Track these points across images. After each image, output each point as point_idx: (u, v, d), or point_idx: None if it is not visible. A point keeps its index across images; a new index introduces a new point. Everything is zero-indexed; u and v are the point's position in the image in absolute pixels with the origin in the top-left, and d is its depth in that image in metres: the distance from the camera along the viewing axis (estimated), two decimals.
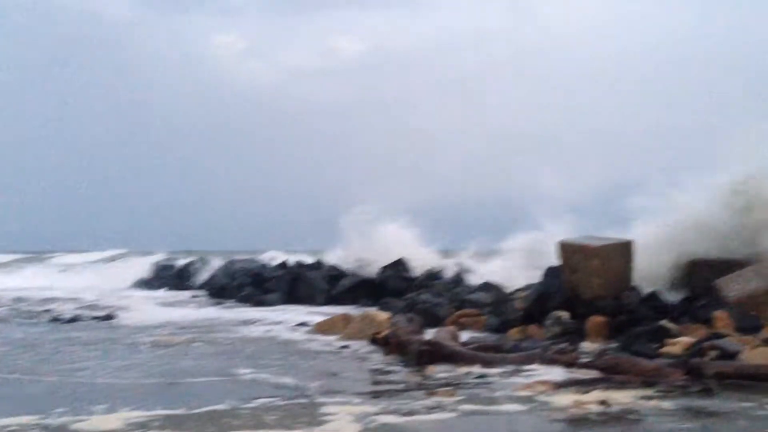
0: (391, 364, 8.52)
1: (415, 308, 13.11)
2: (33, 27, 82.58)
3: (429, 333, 10.31)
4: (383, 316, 11.32)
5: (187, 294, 21.79)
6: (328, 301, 17.66)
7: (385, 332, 9.62)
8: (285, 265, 22.20)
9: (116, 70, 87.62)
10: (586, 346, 9.66)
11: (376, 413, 5.70)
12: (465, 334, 10.95)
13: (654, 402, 6.10)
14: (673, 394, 6.48)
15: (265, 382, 7.26)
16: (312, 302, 17.53)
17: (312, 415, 5.67)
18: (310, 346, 10.11)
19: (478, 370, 7.87)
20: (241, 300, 18.94)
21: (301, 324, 12.53)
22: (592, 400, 6.08)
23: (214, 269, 25.27)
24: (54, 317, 13.91)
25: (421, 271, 19.80)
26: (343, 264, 20.23)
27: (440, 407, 5.95)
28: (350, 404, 6.07)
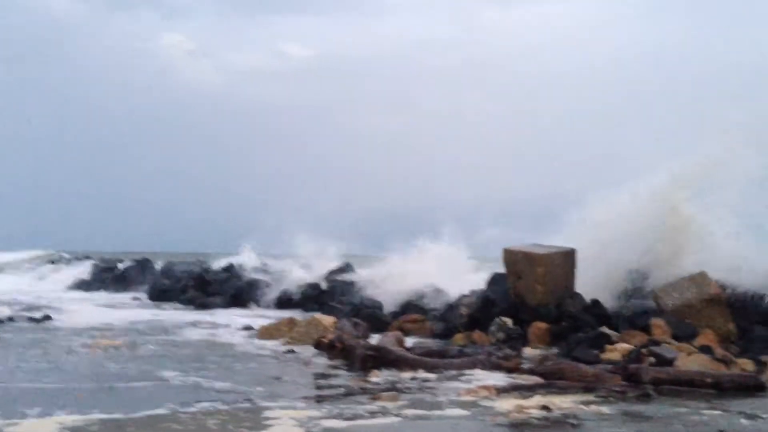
0: (335, 368, 8.48)
1: (360, 313, 13.10)
2: None
3: (374, 338, 10.32)
4: (329, 320, 11.27)
5: (127, 296, 21.28)
6: (274, 305, 17.55)
7: (331, 337, 9.57)
8: (230, 269, 21.91)
9: (60, 65, 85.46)
10: (529, 351, 9.80)
11: (320, 418, 5.66)
12: (410, 340, 10.99)
13: (594, 407, 6.21)
14: (612, 399, 6.63)
15: (206, 386, 7.12)
16: (257, 306, 17.39)
17: (255, 419, 5.60)
18: (254, 350, 9.99)
19: (422, 375, 7.91)
20: (184, 303, 18.64)
21: (246, 328, 12.38)
22: (534, 405, 6.16)
23: (156, 271, 24.81)
24: None
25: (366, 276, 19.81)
26: (290, 267, 20.08)
27: (384, 412, 5.94)
28: (294, 409, 6.01)
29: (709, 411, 6.16)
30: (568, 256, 12.14)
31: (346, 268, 20.73)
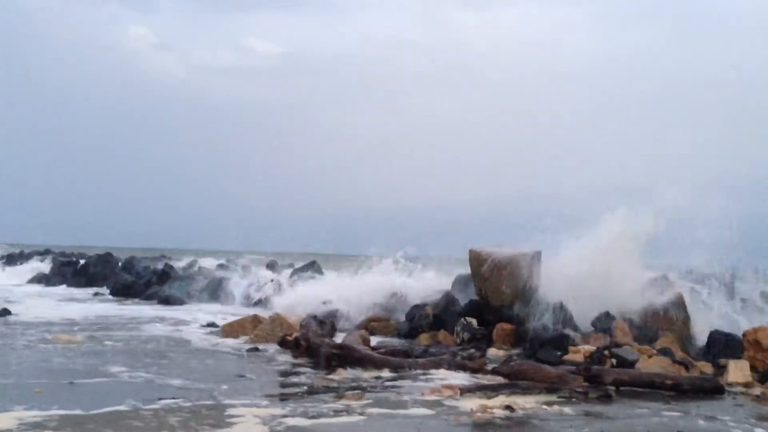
0: (300, 366, 8.44)
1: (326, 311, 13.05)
2: None
3: (339, 336, 10.29)
4: (294, 318, 11.21)
5: (89, 291, 20.94)
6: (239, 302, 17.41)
7: (295, 335, 9.53)
8: (193, 265, 21.72)
9: (21, 55, 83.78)
10: (493, 352, 9.87)
11: (284, 416, 5.63)
12: (375, 339, 10.99)
13: (556, 407, 6.28)
14: (574, 399, 6.70)
15: (168, 383, 7.03)
16: (221, 303, 17.24)
17: (218, 417, 5.54)
18: (218, 348, 9.89)
19: (387, 374, 7.91)
20: (147, 298, 18.40)
21: (209, 324, 12.27)
22: (498, 405, 6.20)
23: (118, 266, 24.46)
24: None
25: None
26: (255, 264, 19.99)
27: (348, 410, 5.92)
28: (257, 406, 5.97)
29: (668, 412, 6.27)
30: (533, 258, 12.24)
31: (311, 267, 20.70)
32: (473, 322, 11.11)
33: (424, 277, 15.10)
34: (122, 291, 19.71)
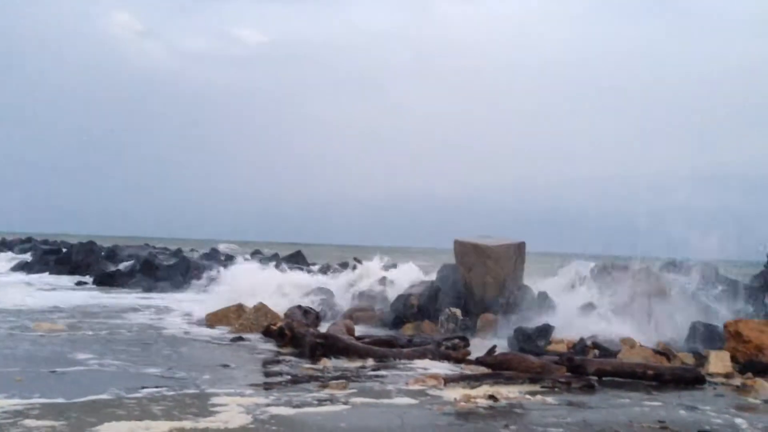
0: (284, 356, 8.43)
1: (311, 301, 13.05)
2: None
3: (324, 326, 10.29)
4: (278, 307, 11.20)
5: (72, 279, 20.79)
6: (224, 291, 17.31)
7: (280, 324, 9.51)
8: (178, 253, 21.63)
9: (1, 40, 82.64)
10: (477, 342, 9.90)
11: (267, 405, 5.62)
12: (360, 328, 10.99)
13: (539, 397, 6.32)
14: (557, 389, 6.75)
15: (151, 372, 7.00)
16: (206, 292, 17.14)
17: (201, 406, 5.52)
18: (202, 337, 9.86)
19: (371, 364, 7.93)
20: (131, 287, 18.31)
21: (193, 314, 12.22)
22: (481, 394, 6.23)
23: (102, 254, 24.30)
24: None
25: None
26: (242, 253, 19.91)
27: (332, 400, 5.93)
28: (241, 395, 5.95)
29: (650, 402, 6.33)
30: (517, 249, 12.29)
31: (297, 257, 20.72)
32: (458, 312, 11.16)
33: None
34: (106, 279, 19.59)
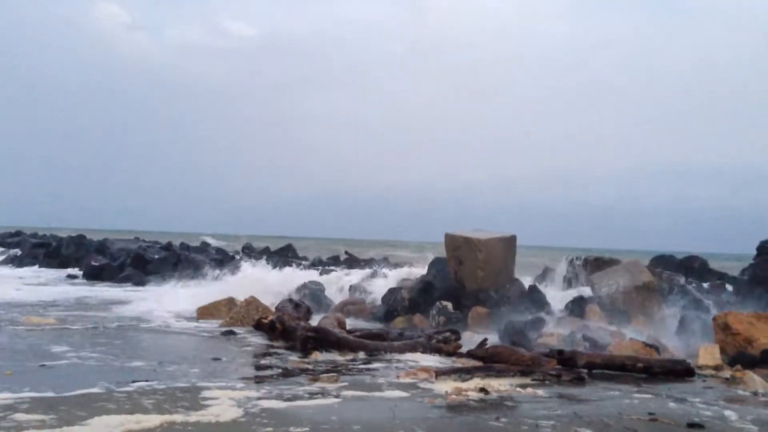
0: (275, 349, 8.43)
1: (302, 294, 13.05)
2: None
3: (315, 319, 10.28)
4: (269, 301, 11.18)
5: (62, 273, 20.69)
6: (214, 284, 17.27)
7: (271, 317, 9.50)
8: (169, 247, 21.56)
9: None
10: (468, 335, 9.92)
11: (258, 398, 5.61)
12: (351, 322, 11.00)
13: (530, 389, 6.34)
14: (547, 382, 6.77)
15: (142, 365, 6.97)
16: (197, 285, 17.09)
17: (192, 399, 5.50)
18: (193, 330, 9.84)
19: (362, 357, 7.93)
20: (121, 281, 18.25)
21: (184, 308, 12.17)
22: (472, 387, 6.24)
23: (92, 248, 24.18)
24: None
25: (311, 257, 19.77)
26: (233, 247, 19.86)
27: (323, 393, 5.93)
28: (232, 389, 5.94)
29: (640, 394, 6.36)
30: (508, 242, 12.31)
31: (287, 250, 20.68)
32: (449, 305, 11.18)
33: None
34: (96, 273, 19.51)
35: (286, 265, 17.07)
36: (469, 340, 9.38)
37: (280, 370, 7.08)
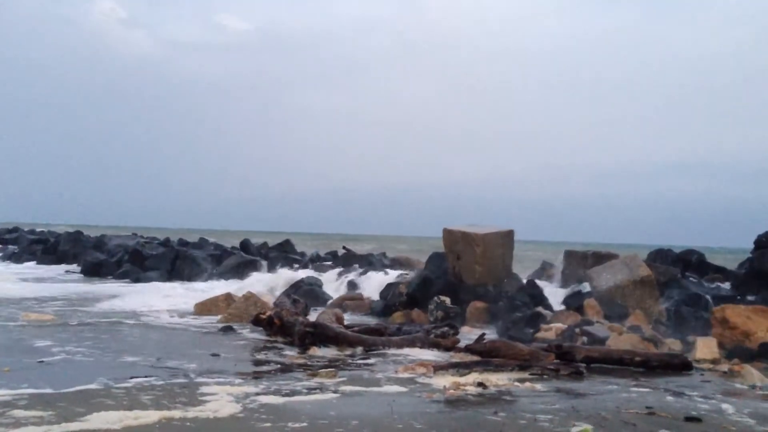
0: (273, 345, 8.43)
1: (299, 290, 13.05)
2: None
3: (313, 314, 10.29)
4: (267, 296, 11.18)
5: (59, 269, 20.68)
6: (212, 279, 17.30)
7: (269, 313, 9.49)
8: (167, 243, 21.55)
9: None
10: (466, 330, 9.93)
11: (257, 393, 5.61)
12: (349, 317, 11.00)
13: (528, 384, 6.34)
14: (545, 376, 6.78)
15: (140, 361, 6.97)
16: (195, 281, 17.13)
17: (191, 395, 5.50)
18: (190, 326, 9.84)
19: (360, 352, 7.94)
20: (119, 277, 18.24)
21: (183, 303, 12.18)
22: (470, 382, 6.25)
23: (90, 244, 24.17)
24: None
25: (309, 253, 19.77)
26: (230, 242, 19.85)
27: (322, 388, 5.93)
28: (230, 384, 5.94)
29: (637, 388, 6.37)
30: (506, 237, 12.32)
31: (285, 246, 20.64)
32: (447, 300, 11.18)
33: None
34: (94, 269, 19.50)
35: (285, 266, 17.03)
36: (467, 334, 9.39)
37: (279, 366, 7.08)
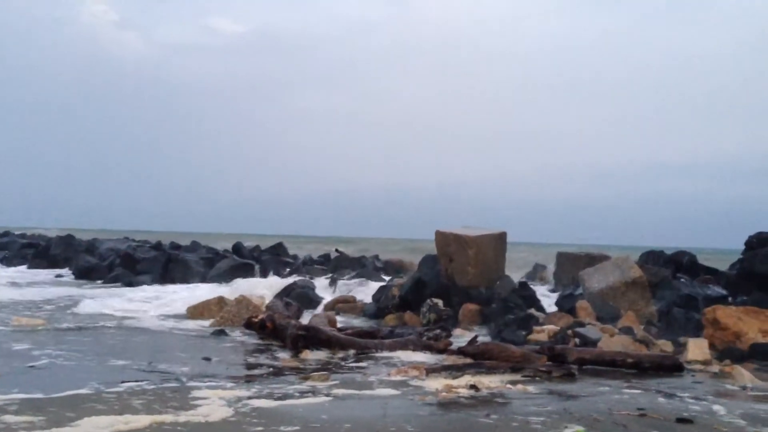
0: (266, 348, 8.41)
1: (292, 293, 13.03)
2: None
3: (306, 317, 10.28)
4: (259, 299, 11.16)
5: (50, 273, 20.57)
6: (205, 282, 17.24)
7: (261, 316, 9.48)
8: (159, 247, 21.48)
9: None
10: (459, 332, 9.94)
11: (249, 397, 5.60)
12: (342, 320, 10.99)
13: (520, 386, 6.35)
14: (538, 378, 6.79)
15: (131, 366, 6.94)
16: (187, 284, 17.06)
17: (182, 399, 5.48)
18: (182, 330, 9.81)
19: (353, 355, 7.93)
20: (111, 281, 18.16)
21: (175, 307, 12.14)
22: (463, 384, 6.25)
23: (81, 248, 24.07)
24: None
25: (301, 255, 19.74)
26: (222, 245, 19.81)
27: (314, 391, 5.92)
28: (222, 388, 5.92)
29: (629, 390, 6.38)
30: (498, 239, 12.34)
31: (278, 248, 20.62)
32: (439, 302, 11.19)
33: None
34: (85, 273, 19.42)
35: (277, 271, 16.99)
36: (460, 337, 9.40)
37: (271, 369, 7.07)
